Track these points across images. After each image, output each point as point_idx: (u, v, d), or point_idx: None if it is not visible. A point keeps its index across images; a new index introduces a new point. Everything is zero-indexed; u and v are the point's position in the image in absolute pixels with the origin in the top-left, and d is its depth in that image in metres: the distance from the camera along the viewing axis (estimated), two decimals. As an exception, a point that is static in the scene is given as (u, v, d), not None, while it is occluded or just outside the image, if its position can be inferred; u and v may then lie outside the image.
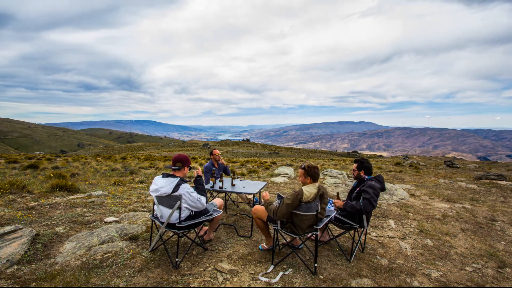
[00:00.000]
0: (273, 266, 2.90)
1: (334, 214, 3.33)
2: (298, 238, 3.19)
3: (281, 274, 2.76)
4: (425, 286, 2.69)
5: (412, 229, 4.31)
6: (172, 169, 2.97)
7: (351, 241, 3.58)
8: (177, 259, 2.85)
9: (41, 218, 3.94)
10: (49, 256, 2.91)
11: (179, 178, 2.86)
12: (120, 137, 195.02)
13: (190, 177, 10.38)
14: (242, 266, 2.91)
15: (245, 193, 3.98)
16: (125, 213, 4.48)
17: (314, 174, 2.91)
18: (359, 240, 3.32)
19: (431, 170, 15.37)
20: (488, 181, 9.58)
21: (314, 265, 2.86)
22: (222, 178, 4.26)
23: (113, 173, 11.55)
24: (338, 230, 4.08)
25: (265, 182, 4.70)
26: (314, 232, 2.89)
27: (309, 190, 2.82)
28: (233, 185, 4.37)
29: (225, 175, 5.38)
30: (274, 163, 20.62)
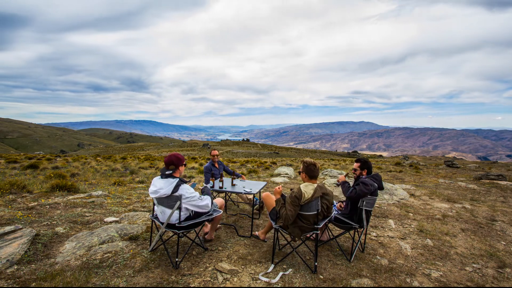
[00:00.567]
0: (273, 266, 2.90)
1: (334, 214, 3.33)
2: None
3: (281, 274, 2.76)
4: (425, 286, 2.69)
5: (412, 229, 4.31)
6: (166, 173, 2.89)
7: (351, 241, 3.58)
8: (177, 259, 2.85)
9: (41, 218, 3.94)
10: (49, 256, 2.91)
11: (178, 179, 2.84)
12: (120, 137, 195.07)
13: (190, 177, 10.37)
14: (242, 266, 2.91)
15: (245, 193, 3.98)
16: (125, 213, 4.48)
17: (308, 170, 2.86)
18: (359, 240, 3.32)
19: (431, 170, 15.36)
20: (488, 181, 9.58)
21: (315, 264, 2.87)
22: (222, 178, 4.26)
23: (113, 173, 11.55)
24: (338, 230, 4.08)
25: (265, 182, 4.70)
26: (314, 231, 2.89)
27: (306, 189, 2.80)
28: (233, 185, 4.38)
29: (226, 175, 5.35)
30: (274, 163, 20.62)
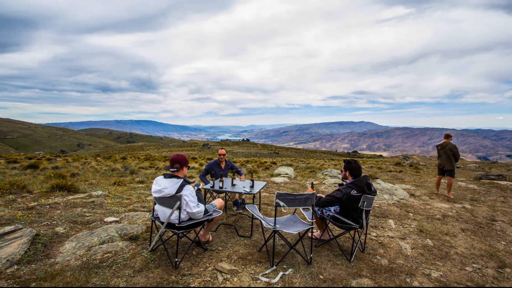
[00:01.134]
0: (273, 266, 2.90)
1: (330, 212, 3.33)
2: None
3: (281, 274, 2.76)
4: (425, 286, 2.69)
5: (412, 229, 4.31)
6: (170, 171, 2.93)
7: (351, 241, 3.58)
8: (176, 259, 2.85)
9: (41, 218, 3.94)
10: (49, 256, 2.91)
11: (183, 179, 2.85)
12: (120, 137, 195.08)
13: (190, 177, 10.37)
14: (242, 266, 2.91)
15: (245, 193, 3.98)
16: (125, 213, 4.48)
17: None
18: (359, 240, 3.32)
19: (431, 170, 15.36)
20: (488, 181, 9.58)
21: (310, 255, 3.05)
22: (222, 178, 4.26)
23: (113, 173, 11.55)
24: (338, 230, 4.08)
25: (265, 182, 4.71)
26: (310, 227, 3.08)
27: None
28: (233, 185, 4.37)
29: (237, 175, 5.22)
30: (274, 163, 20.62)
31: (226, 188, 4.21)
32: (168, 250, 3.01)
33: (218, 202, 3.49)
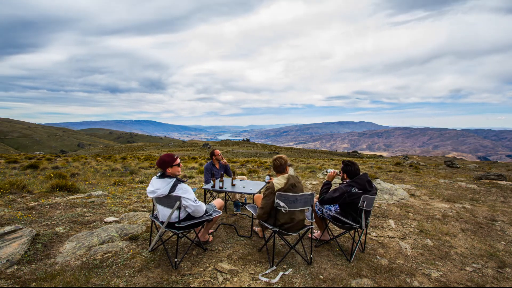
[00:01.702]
0: (273, 267, 2.90)
1: (330, 212, 3.33)
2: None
3: (281, 274, 2.76)
4: (425, 286, 2.69)
5: (412, 229, 4.31)
6: (162, 174, 2.88)
7: (351, 241, 3.58)
8: (176, 259, 2.85)
9: (41, 218, 3.94)
10: (49, 256, 2.91)
11: (175, 179, 2.83)
12: (120, 137, 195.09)
13: (190, 177, 10.37)
14: (242, 266, 2.91)
15: (245, 193, 3.98)
16: (125, 213, 4.48)
17: (275, 166, 3.13)
18: (359, 240, 3.32)
19: (431, 170, 15.36)
20: (488, 181, 9.58)
21: (310, 255, 3.06)
22: (223, 178, 4.26)
23: (113, 173, 11.55)
24: (338, 230, 4.08)
25: (265, 182, 4.70)
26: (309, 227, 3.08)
27: (278, 181, 2.97)
28: (233, 185, 4.38)
29: (226, 176, 5.38)
30: (274, 163, 20.59)
31: (226, 188, 4.21)
32: (168, 250, 3.01)
33: (218, 202, 3.49)
